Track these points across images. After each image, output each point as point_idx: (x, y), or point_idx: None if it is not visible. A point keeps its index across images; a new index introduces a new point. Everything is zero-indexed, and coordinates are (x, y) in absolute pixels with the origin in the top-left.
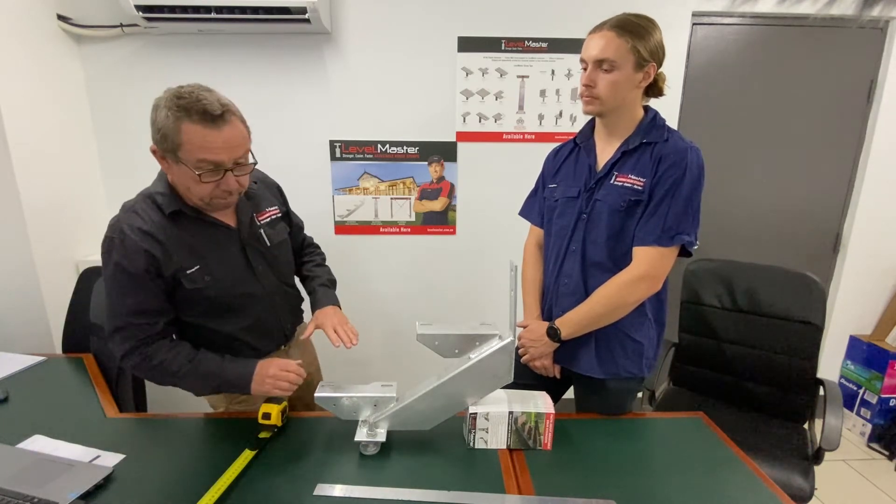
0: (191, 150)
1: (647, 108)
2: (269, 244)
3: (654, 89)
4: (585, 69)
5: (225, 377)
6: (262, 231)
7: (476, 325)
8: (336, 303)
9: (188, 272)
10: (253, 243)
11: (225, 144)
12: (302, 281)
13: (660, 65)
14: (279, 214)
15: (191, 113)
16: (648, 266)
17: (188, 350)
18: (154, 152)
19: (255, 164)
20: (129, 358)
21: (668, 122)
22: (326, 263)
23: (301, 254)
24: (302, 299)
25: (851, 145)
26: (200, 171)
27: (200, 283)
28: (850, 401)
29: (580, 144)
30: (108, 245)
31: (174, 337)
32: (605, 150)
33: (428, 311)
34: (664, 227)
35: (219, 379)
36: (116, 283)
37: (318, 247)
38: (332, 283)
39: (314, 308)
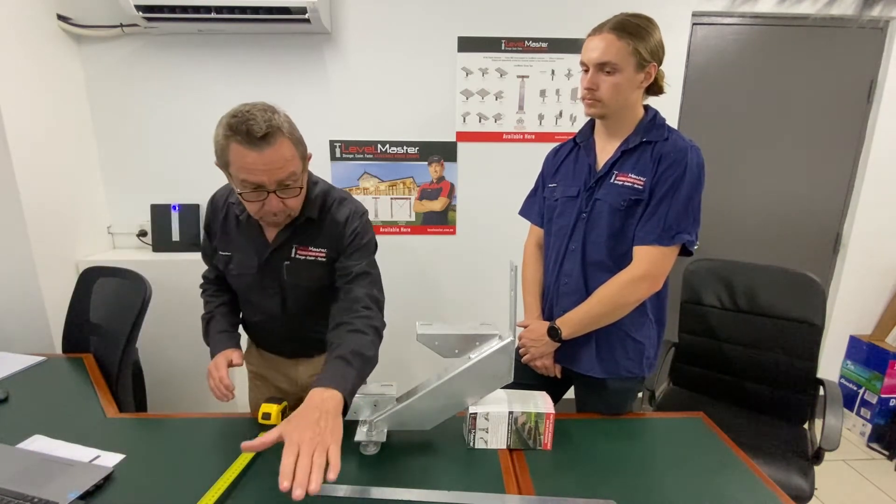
0: (236, 170)
1: (647, 108)
2: (285, 277)
3: (655, 88)
4: (586, 71)
5: (209, 340)
6: (286, 263)
7: (476, 325)
8: (341, 387)
9: (220, 253)
10: (273, 267)
11: (265, 167)
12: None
13: (660, 64)
14: (323, 259)
15: (237, 133)
16: (649, 265)
17: (216, 304)
18: (217, 166)
19: (302, 188)
20: (201, 285)
21: (667, 122)
22: (369, 332)
23: (348, 311)
24: (321, 343)
25: (851, 145)
26: (243, 190)
27: (224, 267)
28: (850, 401)
29: (580, 144)
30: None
31: (226, 293)
32: (605, 150)
33: (428, 311)
34: (664, 226)
35: (207, 337)
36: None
37: (373, 308)
38: (354, 357)
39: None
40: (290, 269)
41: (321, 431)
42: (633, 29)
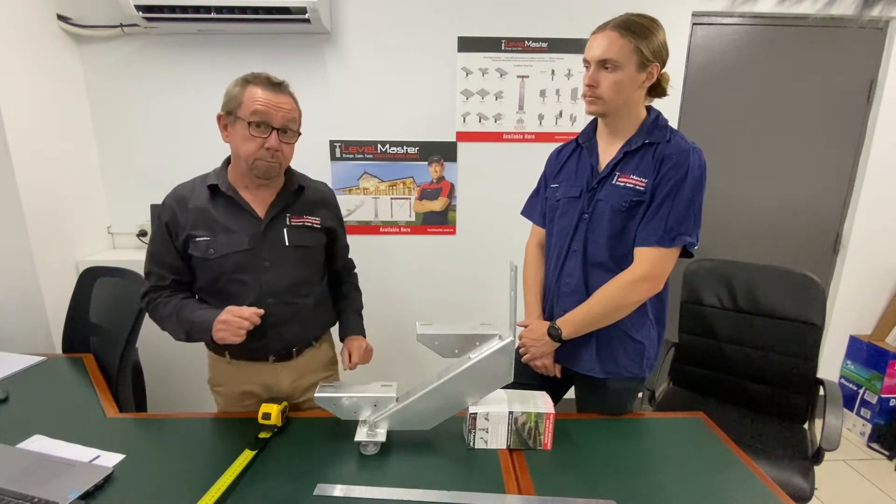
0: (248, 105)
1: (649, 109)
2: (286, 243)
3: (658, 89)
4: (588, 69)
5: (194, 322)
6: (285, 230)
7: (476, 325)
8: (363, 332)
9: (196, 239)
10: (272, 237)
11: (277, 104)
12: (335, 298)
13: (663, 65)
14: (318, 226)
15: (258, 79)
16: (650, 267)
17: (179, 298)
18: (219, 119)
19: (300, 134)
20: (143, 300)
21: (668, 123)
22: (360, 290)
23: (342, 274)
24: (314, 322)
25: (851, 145)
26: (251, 123)
27: (202, 253)
28: (850, 401)
29: (582, 144)
30: (162, 202)
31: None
32: (608, 151)
33: (428, 311)
34: (666, 227)
35: (189, 323)
36: (153, 235)
37: (355, 268)
38: (361, 309)
39: (343, 333)
40: (291, 233)
41: (363, 345)
42: (637, 28)
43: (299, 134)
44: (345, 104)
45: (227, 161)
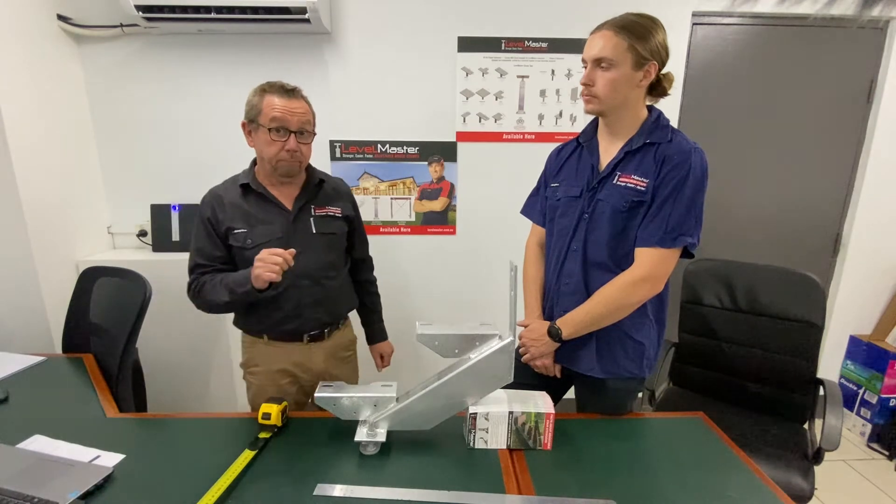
0: (267, 112)
1: (651, 108)
2: (314, 231)
3: (658, 89)
4: (586, 68)
5: (235, 278)
6: (311, 219)
7: (476, 325)
8: (386, 335)
9: (235, 232)
10: (300, 226)
11: (291, 109)
12: (361, 304)
13: (662, 64)
14: (339, 215)
15: (273, 87)
16: (650, 267)
17: (218, 276)
18: (244, 126)
19: (315, 134)
20: (189, 290)
21: (669, 122)
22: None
23: (360, 270)
24: (341, 304)
25: (851, 145)
26: (270, 129)
27: (241, 243)
28: (850, 401)
29: (583, 144)
30: (200, 202)
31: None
32: (609, 150)
33: (428, 311)
34: (667, 228)
35: (230, 281)
36: (194, 230)
37: (373, 269)
38: (380, 311)
39: (371, 339)
40: (318, 222)
41: (391, 349)
42: (632, 26)
43: (315, 134)
44: (345, 104)
45: (254, 162)
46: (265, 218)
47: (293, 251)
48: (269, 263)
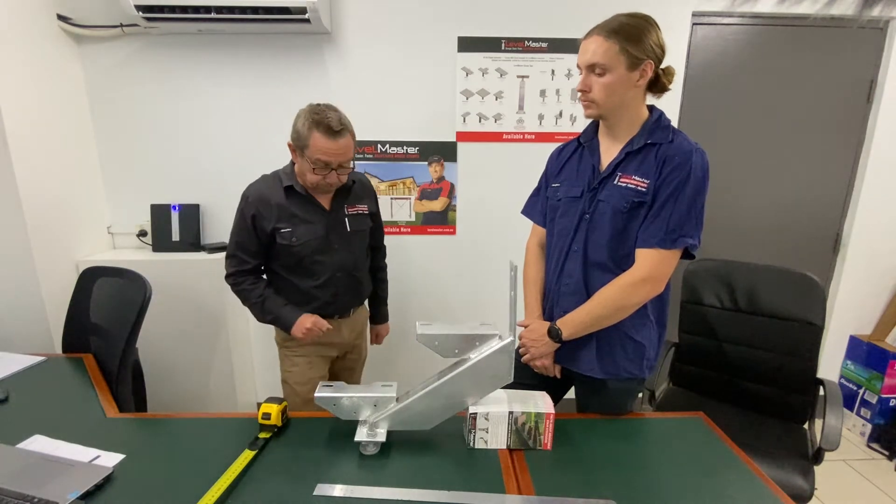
0: (313, 151)
1: (652, 109)
2: (349, 229)
3: (659, 85)
4: (582, 74)
5: (279, 316)
6: (346, 218)
7: (476, 325)
8: (387, 316)
9: (282, 231)
10: (337, 225)
11: (336, 152)
12: (374, 285)
13: (658, 61)
14: (366, 212)
15: (320, 126)
16: (651, 268)
17: (262, 288)
18: (290, 146)
19: (354, 168)
20: (229, 279)
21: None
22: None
23: (376, 256)
24: (364, 289)
25: (851, 145)
26: (315, 167)
27: (287, 241)
28: (850, 401)
29: (584, 144)
30: (241, 200)
31: (263, 277)
32: (609, 150)
33: (428, 311)
34: (667, 229)
35: (273, 315)
36: (236, 223)
37: (385, 257)
38: (387, 296)
39: (376, 320)
40: (351, 220)
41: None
42: (624, 29)
43: (352, 168)
44: (345, 104)
45: (292, 165)
46: (308, 218)
47: (330, 327)
48: (315, 333)
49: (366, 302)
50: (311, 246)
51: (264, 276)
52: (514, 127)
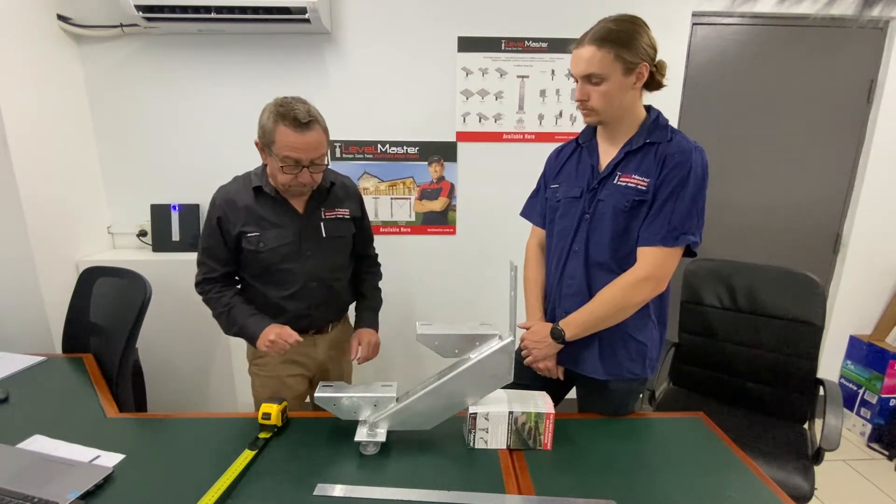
0: (280, 148)
1: (649, 109)
2: (324, 235)
3: (654, 83)
4: (577, 83)
5: (244, 327)
6: (322, 223)
7: (476, 325)
8: (375, 327)
9: (248, 235)
10: (311, 230)
11: (305, 146)
12: (357, 293)
13: (652, 61)
14: (347, 216)
15: (285, 118)
16: (653, 266)
17: (230, 297)
18: (257, 144)
19: (328, 165)
20: (197, 287)
21: (668, 121)
22: (380, 286)
23: (362, 264)
24: (344, 302)
25: (851, 145)
26: (284, 165)
27: (254, 247)
28: (850, 401)
29: (582, 145)
30: (210, 203)
31: (233, 286)
32: (608, 151)
33: (428, 311)
34: (669, 227)
35: (238, 326)
36: (204, 228)
37: (379, 266)
38: (378, 307)
39: (357, 325)
40: (328, 225)
41: (373, 338)
42: (614, 36)
43: (327, 164)
44: (345, 104)
45: (264, 166)
46: (278, 221)
47: (300, 339)
48: (278, 349)
49: (348, 317)
50: (281, 252)
51: (237, 286)
52: (514, 127)
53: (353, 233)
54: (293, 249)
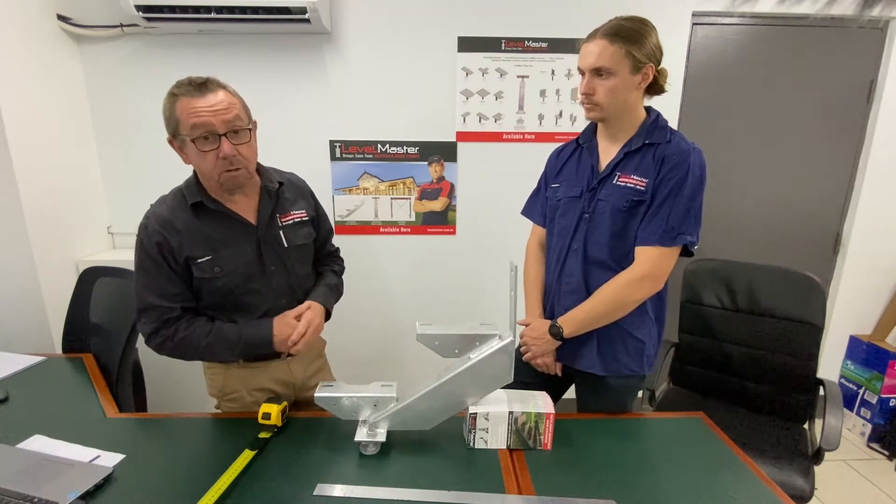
0: (185, 120)
1: (649, 110)
2: (286, 245)
3: (655, 87)
4: (584, 77)
5: (246, 342)
6: (280, 231)
7: (476, 325)
8: (327, 305)
9: (199, 261)
10: (270, 242)
11: (210, 107)
12: (319, 276)
13: (658, 64)
14: (305, 218)
15: (180, 87)
16: (651, 266)
17: (203, 323)
18: (170, 143)
19: (252, 134)
20: (153, 339)
21: (668, 123)
22: (342, 277)
23: (323, 260)
24: None
25: (851, 145)
26: (196, 138)
27: (209, 274)
28: (850, 401)
29: (583, 145)
30: (139, 230)
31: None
32: (608, 151)
33: (428, 311)
34: (667, 227)
35: (240, 345)
36: (141, 266)
37: (341, 258)
38: (334, 289)
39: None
40: (287, 233)
41: (317, 316)
42: (627, 33)
43: (251, 129)
44: (345, 104)
45: (195, 175)
46: (230, 239)
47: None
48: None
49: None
50: (241, 274)
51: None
52: (514, 127)
53: (314, 237)
54: (255, 268)
